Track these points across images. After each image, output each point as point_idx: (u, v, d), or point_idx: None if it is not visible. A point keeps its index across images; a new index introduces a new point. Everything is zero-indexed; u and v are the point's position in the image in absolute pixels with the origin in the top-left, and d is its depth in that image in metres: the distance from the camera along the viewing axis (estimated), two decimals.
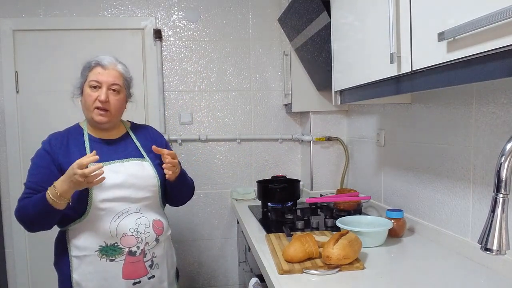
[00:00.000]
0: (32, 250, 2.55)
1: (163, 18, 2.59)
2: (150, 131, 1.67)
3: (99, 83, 1.42)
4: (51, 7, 2.49)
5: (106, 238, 1.37)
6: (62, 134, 1.50)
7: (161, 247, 1.50)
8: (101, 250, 1.37)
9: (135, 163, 1.47)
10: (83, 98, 1.45)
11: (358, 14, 1.36)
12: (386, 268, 1.29)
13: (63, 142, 1.45)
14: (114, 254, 1.37)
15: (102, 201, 1.38)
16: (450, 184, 1.46)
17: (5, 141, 2.48)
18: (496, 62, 0.77)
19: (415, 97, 1.66)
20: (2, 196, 2.51)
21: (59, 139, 1.46)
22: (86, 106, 1.44)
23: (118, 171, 1.41)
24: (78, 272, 1.38)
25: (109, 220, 1.38)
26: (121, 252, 1.38)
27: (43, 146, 1.46)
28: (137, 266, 1.40)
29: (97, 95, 1.41)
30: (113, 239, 1.38)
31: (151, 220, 1.46)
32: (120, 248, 1.38)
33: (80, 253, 1.38)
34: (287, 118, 2.71)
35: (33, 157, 1.46)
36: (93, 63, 1.45)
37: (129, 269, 1.39)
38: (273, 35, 2.66)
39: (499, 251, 0.77)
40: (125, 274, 1.38)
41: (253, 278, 1.51)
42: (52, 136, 1.49)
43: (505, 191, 0.76)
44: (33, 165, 1.42)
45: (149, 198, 1.47)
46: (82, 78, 1.47)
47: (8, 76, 2.47)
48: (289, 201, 2.16)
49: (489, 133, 1.26)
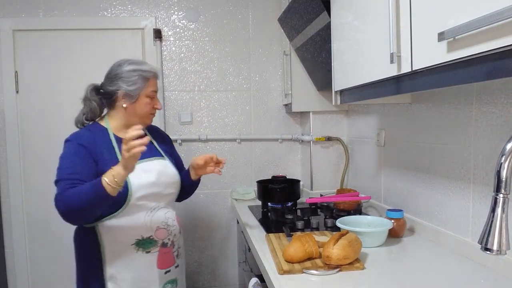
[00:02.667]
0: (32, 250, 2.55)
1: (163, 18, 2.59)
2: (159, 131, 1.78)
3: (156, 93, 1.56)
4: (51, 7, 2.49)
5: (143, 232, 1.46)
6: (86, 133, 1.49)
7: (182, 239, 1.65)
8: (138, 243, 1.45)
9: (160, 162, 1.56)
10: (138, 105, 1.52)
11: (358, 14, 1.36)
12: (386, 268, 1.29)
13: (91, 139, 1.47)
14: (149, 246, 1.47)
15: (139, 198, 1.46)
16: (450, 184, 1.46)
17: (5, 141, 2.48)
18: (496, 62, 0.77)
19: (415, 97, 1.66)
20: (2, 196, 2.51)
21: (86, 136, 1.47)
22: (142, 112, 1.53)
23: (149, 170, 1.50)
24: (112, 266, 1.44)
25: (143, 215, 1.47)
26: (156, 244, 1.48)
27: (75, 141, 1.45)
28: (168, 257, 1.53)
29: (153, 104, 1.55)
30: (148, 233, 1.47)
31: (174, 214, 1.59)
32: (154, 240, 1.48)
33: (115, 247, 1.43)
34: (287, 118, 2.71)
35: (65, 153, 1.44)
36: (151, 75, 1.53)
37: (162, 260, 1.50)
38: (273, 35, 2.66)
39: (499, 251, 0.77)
40: (159, 264, 1.49)
41: (253, 278, 1.51)
42: (78, 134, 1.49)
43: (505, 191, 0.76)
44: (69, 159, 1.41)
45: (173, 194, 1.61)
46: (137, 86, 1.50)
47: (8, 76, 2.47)
48: (289, 201, 2.16)
49: (489, 133, 1.26)
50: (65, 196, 1.30)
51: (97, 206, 1.32)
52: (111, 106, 1.55)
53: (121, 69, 1.51)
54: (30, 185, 2.53)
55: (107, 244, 1.44)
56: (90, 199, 1.28)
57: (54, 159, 2.50)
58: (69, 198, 1.29)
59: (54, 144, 2.53)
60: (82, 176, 1.35)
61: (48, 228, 2.55)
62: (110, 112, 1.57)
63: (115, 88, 1.50)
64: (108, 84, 1.52)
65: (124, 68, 1.51)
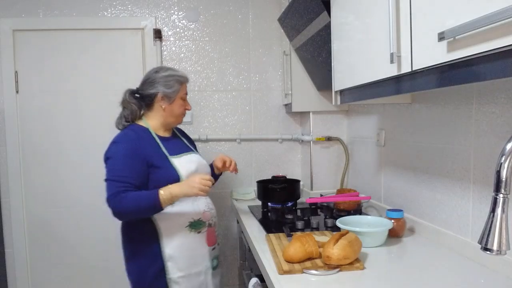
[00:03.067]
0: (32, 250, 2.55)
1: (163, 18, 2.59)
2: (184, 132, 2.02)
3: (186, 96, 1.80)
4: (51, 7, 2.49)
5: (193, 215, 1.67)
6: (131, 134, 1.66)
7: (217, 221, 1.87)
8: (191, 225, 1.66)
9: (195, 155, 1.80)
10: (174, 106, 1.74)
11: (358, 14, 1.36)
12: (386, 268, 1.29)
13: (138, 140, 1.65)
14: (199, 227, 1.68)
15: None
16: (450, 184, 1.46)
17: (5, 141, 2.49)
18: (496, 62, 0.77)
19: (415, 97, 1.66)
20: (2, 196, 2.51)
21: (132, 137, 1.65)
22: (177, 112, 1.75)
23: (191, 161, 1.73)
24: (170, 247, 1.62)
25: (191, 200, 1.68)
26: (204, 225, 1.70)
27: (124, 143, 1.63)
28: (213, 235, 1.76)
29: (185, 105, 1.78)
30: (197, 216, 1.68)
31: (209, 200, 1.81)
32: (203, 222, 1.70)
33: (171, 230, 1.63)
34: (287, 118, 2.71)
35: (115, 154, 1.60)
36: (184, 80, 1.78)
37: (210, 238, 1.73)
38: (273, 35, 2.66)
39: (499, 251, 0.77)
40: (208, 242, 1.72)
41: (253, 278, 1.51)
42: (125, 136, 1.66)
43: (505, 191, 0.76)
44: (120, 161, 1.58)
45: None
46: (174, 89, 1.72)
47: (8, 76, 2.47)
48: (289, 201, 2.16)
49: (489, 133, 1.26)
50: (122, 198, 1.51)
51: (148, 213, 1.57)
52: (149, 108, 1.75)
53: (159, 74, 1.72)
54: (30, 185, 2.53)
55: (164, 229, 1.62)
56: (144, 207, 1.53)
57: (54, 159, 2.53)
58: (125, 202, 1.51)
59: (54, 144, 2.54)
60: (132, 179, 1.55)
61: (48, 228, 2.55)
62: (147, 113, 1.76)
63: (155, 91, 1.71)
64: (147, 88, 1.72)
65: (162, 74, 1.72)
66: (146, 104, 1.75)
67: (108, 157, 1.61)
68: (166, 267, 1.62)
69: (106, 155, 1.63)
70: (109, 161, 1.60)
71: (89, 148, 2.55)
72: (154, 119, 1.75)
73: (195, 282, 1.66)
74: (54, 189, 2.55)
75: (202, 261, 1.69)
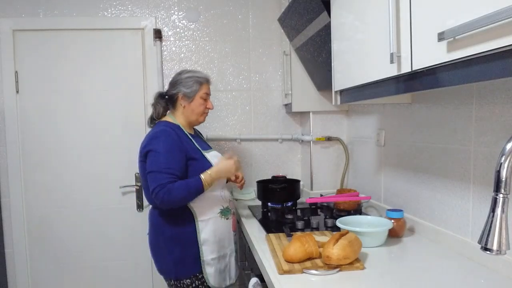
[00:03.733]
0: (32, 250, 2.55)
1: (163, 18, 2.59)
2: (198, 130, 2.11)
3: (208, 96, 1.90)
4: (51, 7, 2.49)
5: (222, 203, 1.83)
6: (169, 130, 1.76)
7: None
8: (221, 212, 1.82)
9: (217, 152, 1.93)
10: (194, 105, 1.86)
11: (358, 14, 1.36)
12: (386, 268, 1.29)
13: (176, 135, 1.75)
14: (228, 214, 1.84)
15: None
16: (450, 184, 1.46)
17: (5, 141, 2.48)
18: (496, 62, 0.77)
19: (415, 97, 1.66)
20: (2, 196, 2.51)
21: (171, 133, 1.75)
22: (197, 111, 1.87)
23: (216, 156, 1.87)
24: (205, 231, 1.76)
25: (219, 190, 1.83)
26: (230, 212, 1.87)
27: (172, 138, 1.73)
28: (235, 222, 1.94)
29: (206, 104, 1.89)
30: (226, 203, 1.84)
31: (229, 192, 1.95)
32: (230, 209, 1.86)
33: (206, 217, 1.77)
34: (287, 118, 2.71)
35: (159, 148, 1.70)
36: (205, 80, 1.88)
37: (234, 224, 1.90)
38: (273, 35, 2.66)
39: (499, 251, 0.77)
40: (233, 227, 1.89)
41: (253, 278, 1.51)
42: (164, 132, 1.75)
43: (505, 191, 0.76)
44: (164, 155, 1.69)
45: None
46: (193, 89, 1.84)
47: (8, 76, 2.47)
48: (289, 201, 2.16)
49: (489, 133, 1.26)
50: (170, 189, 1.63)
51: (193, 198, 1.71)
52: (174, 107, 1.89)
53: (181, 76, 1.87)
54: (30, 185, 2.53)
55: (200, 215, 1.76)
56: (191, 193, 1.68)
57: (54, 159, 2.53)
58: (174, 191, 1.64)
59: (54, 144, 2.53)
60: (176, 170, 1.68)
61: (48, 228, 2.55)
62: (174, 112, 1.89)
63: (176, 91, 1.85)
64: (171, 89, 1.87)
65: (184, 75, 1.86)
66: (171, 104, 1.90)
67: (151, 150, 1.71)
68: (201, 250, 1.75)
69: (146, 149, 1.72)
70: (151, 154, 1.70)
71: (89, 148, 2.56)
72: (179, 117, 1.88)
73: (222, 263, 1.83)
74: (54, 189, 2.54)
75: (228, 245, 1.85)
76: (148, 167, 1.70)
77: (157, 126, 1.82)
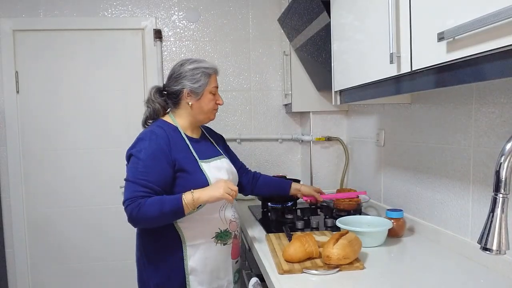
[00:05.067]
0: (32, 250, 2.55)
1: (163, 18, 2.59)
2: (213, 131, 1.82)
3: (217, 89, 1.61)
4: (51, 7, 2.49)
5: (220, 225, 1.53)
6: (160, 131, 1.50)
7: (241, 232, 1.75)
8: (217, 236, 1.52)
9: (225, 161, 1.63)
10: (203, 102, 1.56)
11: (358, 14, 1.36)
12: (386, 268, 1.29)
13: (167, 139, 1.49)
14: (226, 238, 1.55)
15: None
16: (450, 184, 1.46)
17: (5, 141, 2.49)
18: (496, 62, 0.77)
19: (415, 97, 1.66)
20: (2, 196, 2.51)
21: (161, 135, 1.48)
22: (207, 108, 1.58)
23: (220, 168, 1.57)
24: (193, 259, 1.49)
25: (218, 210, 1.53)
26: (230, 236, 1.57)
27: (157, 143, 1.45)
28: (237, 247, 1.63)
29: (216, 99, 1.60)
30: (224, 226, 1.55)
31: (235, 208, 1.67)
32: (230, 232, 1.56)
33: (196, 241, 1.49)
34: (287, 118, 2.71)
35: (140, 153, 1.43)
36: (213, 71, 1.59)
37: (235, 250, 1.60)
38: (273, 35, 2.66)
39: (498, 251, 0.77)
40: (232, 254, 1.59)
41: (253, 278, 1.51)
42: (153, 133, 1.49)
43: (505, 191, 0.76)
44: (145, 162, 1.41)
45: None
46: (201, 83, 1.55)
47: (8, 76, 2.47)
48: (289, 201, 2.16)
49: (489, 133, 1.26)
50: (140, 205, 1.35)
51: (172, 218, 1.42)
52: (176, 105, 1.59)
53: (183, 68, 1.56)
54: (30, 185, 2.53)
55: (189, 239, 1.49)
56: (165, 213, 1.37)
57: (55, 159, 2.53)
58: (144, 209, 1.35)
59: (55, 144, 2.54)
60: (154, 184, 1.39)
61: (48, 228, 2.55)
62: (175, 111, 1.60)
63: (180, 87, 1.54)
64: (173, 84, 1.56)
65: (187, 67, 1.55)
66: (172, 101, 1.60)
67: (131, 154, 1.45)
68: (187, 280, 1.49)
69: (129, 152, 1.47)
70: (132, 160, 1.44)
71: (89, 148, 2.56)
72: (182, 117, 1.58)
73: None
74: (54, 189, 2.55)
75: (225, 276, 1.57)
76: (126, 173, 1.43)
77: (149, 127, 1.55)
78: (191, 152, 1.52)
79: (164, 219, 1.41)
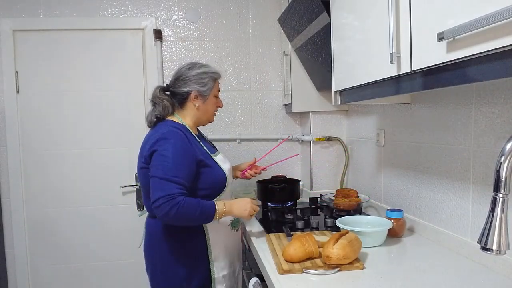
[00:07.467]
0: (32, 250, 2.55)
1: (163, 18, 2.59)
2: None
3: (219, 93, 1.72)
4: (51, 7, 2.49)
5: None
6: (179, 132, 1.54)
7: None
8: (232, 223, 1.67)
9: (222, 155, 1.73)
10: (208, 104, 1.66)
11: (358, 14, 1.37)
12: (386, 268, 1.29)
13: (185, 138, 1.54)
14: (237, 224, 1.70)
15: (230, 183, 1.68)
16: (450, 184, 1.46)
17: (5, 141, 2.49)
18: (496, 62, 0.77)
19: (415, 97, 1.66)
20: (2, 196, 2.51)
21: (181, 136, 1.53)
22: (210, 110, 1.68)
23: (224, 160, 1.69)
24: (215, 247, 1.59)
25: (229, 198, 1.67)
26: (239, 223, 1.72)
27: (182, 141, 1.51)
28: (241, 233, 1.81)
29: (217, 103, 1.71)
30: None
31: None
32: (239, 219, 1.71)
33: (217, 229, 1.60)
34: (287, 118, 2.71)
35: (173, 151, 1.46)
36: (218, 76, 1.69)
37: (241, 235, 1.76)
38: (273, 35, 2.66)
39: (498, 251, 0.77)
40: (241, 239, 1.77)
41: (253, 278, 1.51)
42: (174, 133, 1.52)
43: (505, 191, 0.76)
44: (177, 159, 1.46)
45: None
46: (208, 86, 1.64)
47: (8, 76, 2.47)
48: (289, 201, 2.16)
49: (489, 133, 1.26)
50: (180, 202, 1.39)
51: (199, 222, 1.51)
52: (181, 106, 1.65)
53: (192, 72, 1.62)
54: (30, 185, 2.53)
55: (211, 229, 1.58)
56: (200, 216, 1.44)
57: (55, 159, 2.53)
58: (186, 207, 1.40)
59: (55, 144, 2.54)
60: (185, 180, 1.44)
61: (48, 228, 2.55)
62: (179, 111, 1.66)
63: (188, 89, 1.61)
64: (181, 85, 1.62)
65: (196, 71, 1.62)
66: (178, 102, 1.65)
67: (157, 151, 1.47)
68: (212, 268, 1.58)
69: (152, 149, 1.48)
70: (158, 158, 1.46)
71: (90, 148, 2.56)
72: (187, 118, 1.65)
73: (233, 281, 1.69)
74: (54, 189, 2.55)
75: (238, 260, 1.74)
76: (152, 171, 1.44)
77: (163, 127, 1.55)
78: (204, 148, 1.61)
79: (197, 221, 1.48)
